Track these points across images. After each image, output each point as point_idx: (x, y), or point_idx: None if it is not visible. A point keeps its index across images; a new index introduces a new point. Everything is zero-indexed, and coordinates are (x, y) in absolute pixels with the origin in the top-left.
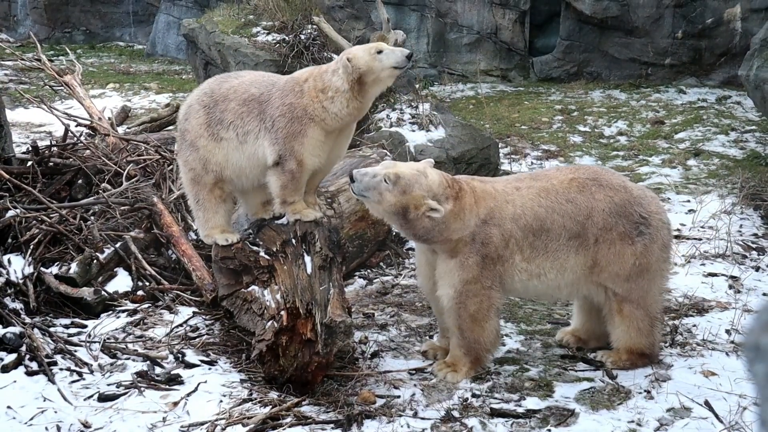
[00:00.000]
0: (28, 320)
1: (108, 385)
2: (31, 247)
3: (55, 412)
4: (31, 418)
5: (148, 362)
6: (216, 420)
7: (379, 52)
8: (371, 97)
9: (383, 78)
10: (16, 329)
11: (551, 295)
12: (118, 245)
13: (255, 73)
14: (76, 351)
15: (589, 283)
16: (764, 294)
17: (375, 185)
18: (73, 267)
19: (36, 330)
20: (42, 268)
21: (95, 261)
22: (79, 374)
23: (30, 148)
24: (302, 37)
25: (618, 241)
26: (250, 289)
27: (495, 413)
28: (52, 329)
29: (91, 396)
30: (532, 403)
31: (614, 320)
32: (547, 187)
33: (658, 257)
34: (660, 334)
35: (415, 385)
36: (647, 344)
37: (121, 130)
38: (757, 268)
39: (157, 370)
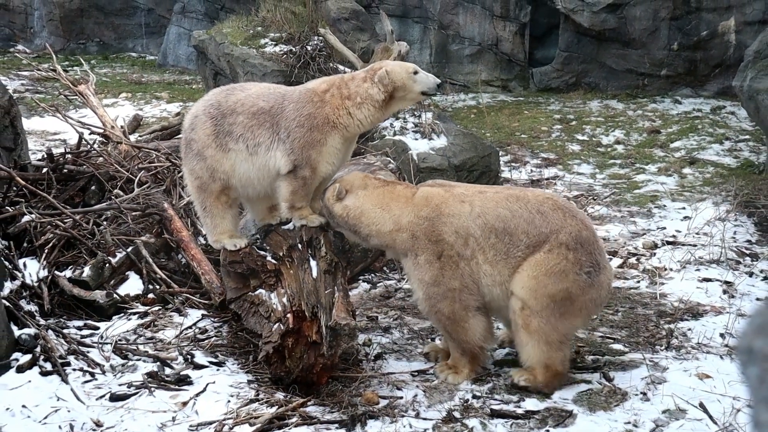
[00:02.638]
0: (42, 322)
1: (119, 385)
2: (46, 251)
3: (69, 411)
4: (45, 417)
5: (158, 363)
6: (224, 419)
7: (416, 73)
8: (391, 112)
9: (410, 98)
10: (31, 331)
11: (504, 306)
12: (129, 249)
13: (260, 86)
14: (88, 352)
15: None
16: (757, 299)
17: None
18: (86, 270)
19: (50, 331)
20: (56, 272)
21: (107, 265)
22: (92, 374)
23: (45, 156)
24: (309, 48)
25: (570, 262)
26: (257, 292)
27: (495, 414)
28: (65, 331)
29: (103, 396)
30: (531, 404)
31: (521, 337)
32: (519, 195)
33: (584, 302)
34: (569, 353)
35: (417, 387)
36: (560, 359)
37: (133, 138)
38: (751, 274)
39: (167, 370)
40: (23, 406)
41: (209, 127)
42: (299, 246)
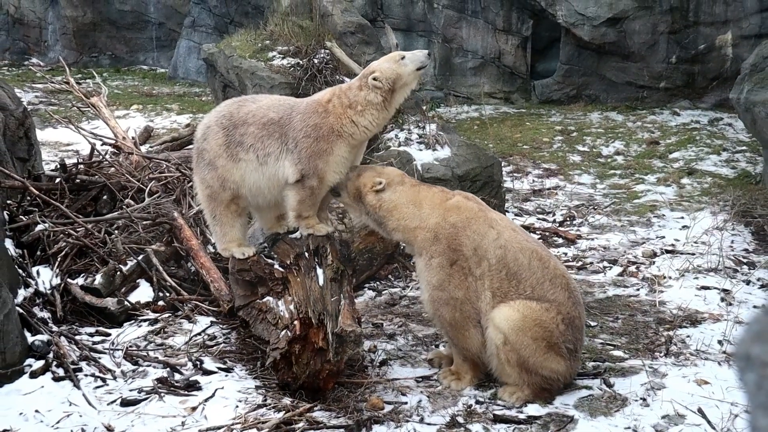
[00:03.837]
0: (55, 329)
1: (130, 390)
2: (59, 259)
3: (80, 416)
4: (58, 422)
5: (168, 369)
6: (232, 424)
7: (403, 58)
8: (396, 104)
9: (410, 82)
10: (44, 337)
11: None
12: (140, 258)
13: (271, 97)
14: (100, 358)
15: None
16: (755, 306)
17: (342, 181)
18: (98, 278)
19: (63, 338)
20: (69, 279)
21: (119, 273)
22: (103, 380)
23: (58, 166)
24: (315, 61)
25: (560, 330)
26: (264, 299)
27: (497, 419)
28: (77, 337)
29: (114, 401)
30: (533, 409)
31: (505, 369)
32: (543, 256)
33: (559, 366)
34: (557, 385)
35: (421, 392)
36: (545, 382)
37: (143, 148)
38: (748, 282)
39: (177, 376)
40: (36, 411)
41: (221, 138)
42: (306, 254)
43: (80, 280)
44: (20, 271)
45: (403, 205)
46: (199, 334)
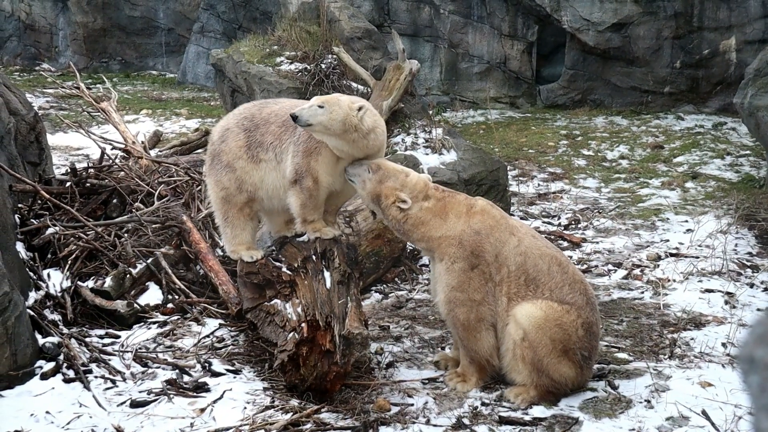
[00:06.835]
0: (65, 331)
1: (139, 392)
2: (69, 262)
3: (90, 417)
4: (68, 423)
5: (177, 371)
6: (240, 426)
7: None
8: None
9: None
10: (55, 339)
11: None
12: (149, 261)
13: (293, 100)
14: (110, 360)
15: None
16: (758, 309)
17: (360, 173)
18: (108, 281)
19: (73, 340)
20: (79, 282)
21: (128, 275)
22: (113, 382)
23: (69, 170)
24: (323, 66)
25: (578, 335)
26: (272, 302)
27: (503, 421)
28: (87, 339)
29: (124, 402)
30: (538, 411)
31: (517, 364)
32: (561, 261)
33: (570, 372)
34: (564, 389)
35: (427, 394)
36: (552, 385)
37: (153, 153)
38: (752, 285)
39: (186, 378)
40: (47, 412)
41: (242, 139)
42: (313, 257)
43: (90, 283)
44: (31, 273)
45: (430, 221)
46: (208, 336)
